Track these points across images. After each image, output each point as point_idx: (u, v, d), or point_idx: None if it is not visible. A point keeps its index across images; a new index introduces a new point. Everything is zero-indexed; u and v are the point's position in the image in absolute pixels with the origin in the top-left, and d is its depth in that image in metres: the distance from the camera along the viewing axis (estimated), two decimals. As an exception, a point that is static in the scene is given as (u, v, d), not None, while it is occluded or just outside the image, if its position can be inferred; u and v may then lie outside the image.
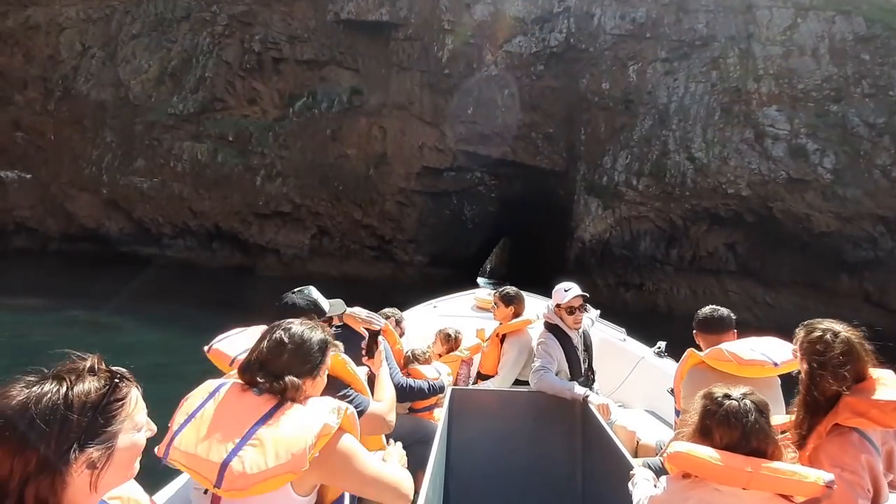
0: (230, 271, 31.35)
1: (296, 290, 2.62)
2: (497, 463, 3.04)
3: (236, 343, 2.22)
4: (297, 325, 1.73)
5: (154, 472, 1.53)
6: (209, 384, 1.65)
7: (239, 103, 33.11)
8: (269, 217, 31.50)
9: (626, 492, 1.96)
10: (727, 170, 21.59)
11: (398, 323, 4.04)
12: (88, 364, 1.01)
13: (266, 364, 1.61)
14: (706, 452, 1.60)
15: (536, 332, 3.95)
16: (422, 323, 5.19)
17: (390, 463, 1.82)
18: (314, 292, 2.61)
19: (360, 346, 2.57)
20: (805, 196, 20.56)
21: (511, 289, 4.32)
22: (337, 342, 1.96)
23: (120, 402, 1.00)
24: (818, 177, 20.53)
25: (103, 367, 1.03)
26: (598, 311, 4.83)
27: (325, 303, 2.61)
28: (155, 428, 1.13)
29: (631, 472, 2.06)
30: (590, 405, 3.09)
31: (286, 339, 1.66)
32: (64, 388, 0.93)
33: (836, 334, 1.89)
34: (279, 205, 31.09)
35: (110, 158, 33.60)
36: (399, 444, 2.08)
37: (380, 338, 2.61)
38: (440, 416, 3.09)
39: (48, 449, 0.88)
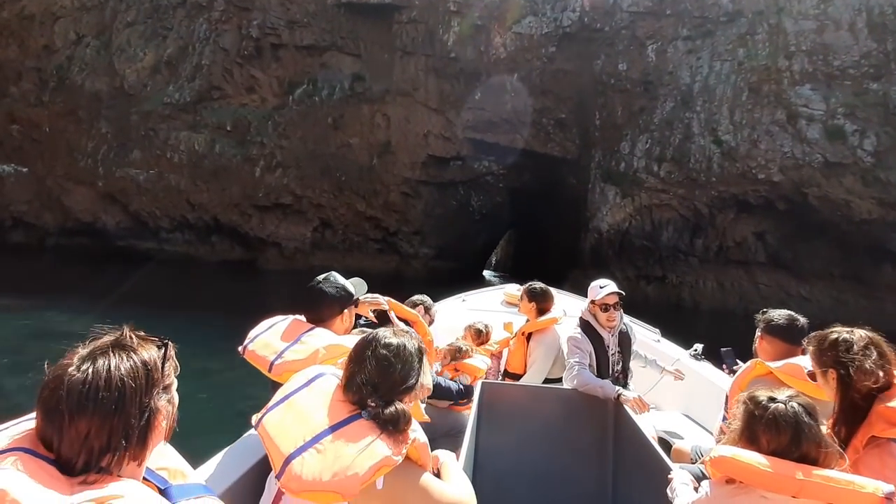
0: (230, 265, 29.89)
1: (320, 278, 2.44)
2: (526, 460, 2.93)
3: (270, 343, 2.10)
4: (395, 338, 1.66)
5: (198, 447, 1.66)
6: (313, 369, 1.71)
7: (237, 91, 31.51)
8: (270, 209, 29.97)
9: (660, 496, 1.83)
10: (757, 153, 19.80)
11: (427, 310, 3.79)
12: (130, 332, 1.03)
13: (379, 387, 1.55)
14: (753, 457, 1.46)
15: (564, 330, 3.80)
16: (451, 316, 5.09)
17: (450, 479, 1.67)
18: (340, 278, 2.47)
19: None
20: (843, 181, 18.76)
21: (538, 285, 4.05)
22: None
23: (170, 361, 1.06)
24: (858, 160, 18.70)
25: (142, 333, 1.06)
26: (658, 331, 4.77)
27: (351, 287, 2.48)
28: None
29: (669, 476, 1.92)
30: (623, 403, 2.90)
31: (391, 356, 1.60)
32: (133, 353, 0.98)
33: (850, 332, 1.82)
34: (280, 196, 29.54)
35: (106, 150, 32.13)
36: (452, 455, 1.85)
37: (391, 314, 2.65)
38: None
39: (142, 404, 0.95)
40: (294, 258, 30.08)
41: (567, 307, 4.42)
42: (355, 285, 2.54)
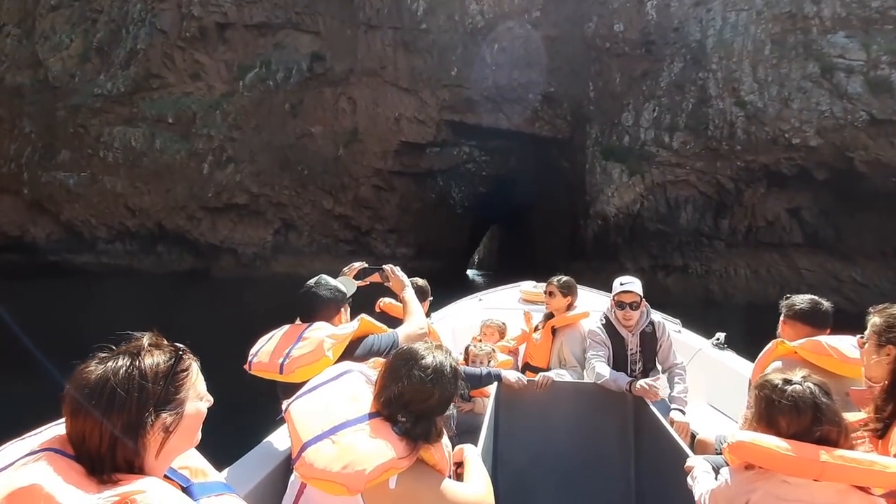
0: (181, 277, 25.36)
1: (311, 282, 2.24)
2: (547, 453, 2.81)
3: (274, 349, 1.99)
4: (431, 357, 1.56)
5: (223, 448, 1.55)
6: (343, 365, 1.68)
7: (179, 79, 26.94)
8: (222, 211, 25.49)
9: (682, 486, 1.77)
10: (789, 114, 16.26)
11: (423, 293, 3.44)
12: (151, 340, 1.02)
13: (410, 404, 1.49)
14: (773, 441, 1.37)
15: (589, 326, 3.50)
16: (468, 315, 5.01)
17: (470, 476, 1.61)
18: (331, 280, 2.28)
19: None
20: (895, 140, 15.31)
21: (568, 278, 3.71)
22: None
23: (185, 372, 1.03)
24: (911, 115, 15.29)
25: (164, 341, 1.04)
26: (679, 322, 4.50)
27: (344, 287, 2.31)
28: (212, 399, 1.12)
29: (688, 465, 1.82)
30: (636, 393, 2.78)
31: (427, 381, 1.50)
32: (137, 361, 0.97)
33: None
34: (233, 196, 25.08)
35: (30, 152, 27.19)
36: (476, 451, 1.75)
37: (387, 266, 2.52)
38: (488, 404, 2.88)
39: (130, 414, 0.93)
40: (253, 265, 25.66)
41: (592, 305, 3.97)
42: (346, 284, 2.36)
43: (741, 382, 2.69)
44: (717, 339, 4.05)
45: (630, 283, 3.16)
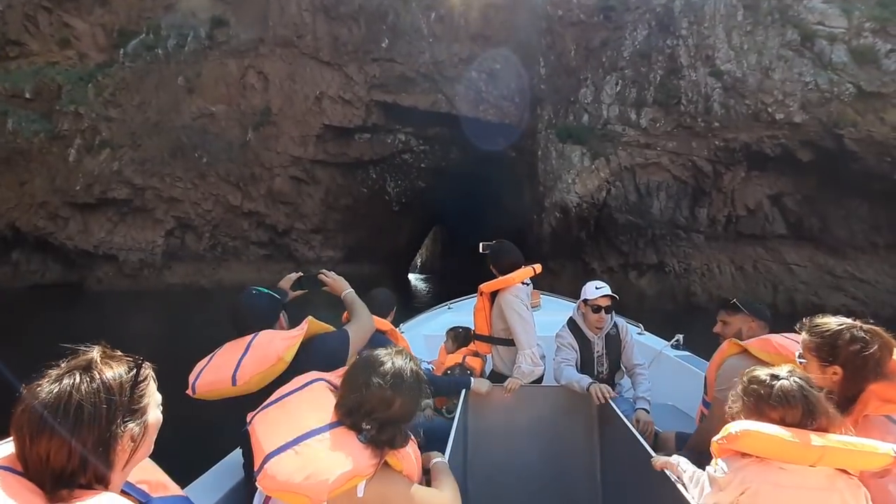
0: (46, 291, 19.73)
1: (242, 294, 2.05)
2: (515, 457, 2.79)
3: (220, 365, 1.80)
4: (390, 363, 1.47)
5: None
6: (308, 375, 1.57)
7: (44, 46, 21.25)
8: (96, 208, 20.07)
9: (645, 482, 1.83)
10: (771, 85, 13.79)
11: (388, 304, 3.33)
12: (105, 352, 0.97)
13: (373, 412, 1.40)
14: (777, 430, 1.37)
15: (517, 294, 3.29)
16: (439, 323, 4.94)
17: (439, 482, 1.57)
18: (262, 288, 2.09)
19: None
20: (886, 116, 13.17)
21: (498, 241, 3.41)
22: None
23: (146, 381, 1.01)
24: (902, 87, 13.20)
25: (117, 352, 1.00)
26: (641, 325, 4.64)
27: (276, 293, 2.12)
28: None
29: (656, 462, 1.80)
30: (592, 394, 2.77)
31: (389, 388, 1.41)
32: (98, 374, 0.92)
33: (861, 329, 1.62)
34: (109, 189, 19.75)
35: None
36: (443, 458, 1.73)
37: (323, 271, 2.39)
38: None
39: (101, 428, 0.89)
40: (140, 275, 20.42)
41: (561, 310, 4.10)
42: (278, 292, 2.18)
43: (698, 381, 2.64)
44: (676, 341, 4.15)
45: (606, 288, 3.19)
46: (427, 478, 1.57)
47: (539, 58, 18.71)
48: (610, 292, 3.13)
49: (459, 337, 3.96)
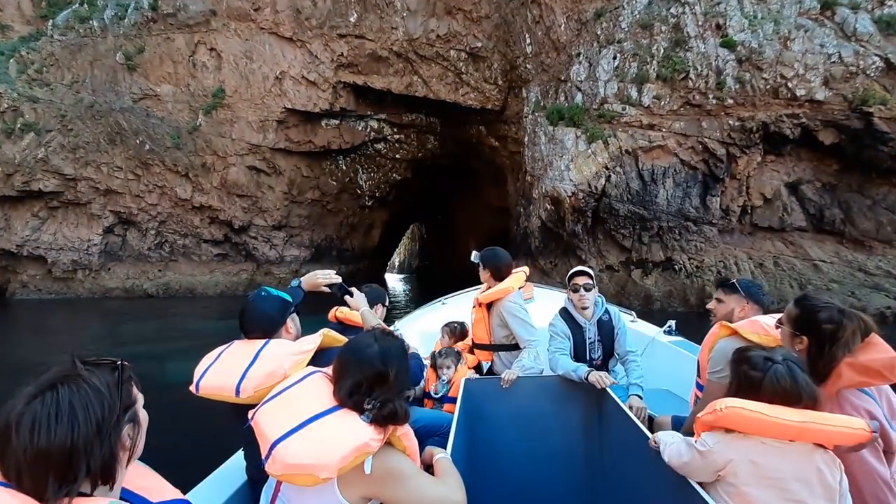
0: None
1: (250, 296, 1.98)
2: (517, 448, 2.77)
3: (227, 370, 1.73)
4: (376, 345, 1.48)
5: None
6: (306, 370, 1.58)
7: (-41, 17, 18.41)
8: (18, 202, 17.29)
9: (643, 464, 1.87)
10: (791, 57, 12.01)
11: (377, 298, 3.09)
12: (83, 359, 0.95)
13: (372, 390, 1.42)
14: (760, 407, 1.44)
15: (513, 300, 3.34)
16: (433, 320, 4.92)
17: (443, 475, 1.57)
18: (271, 289, 2.01)
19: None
20: (917, 93, 11.50)
21: (488, 249, 3.44)
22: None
23: (131, 380, 1.00)
24: (935, 60, 11.55)
25: (94, 358, 0.97)
26: (633, 314, 4.62)
27: (286, 295, 2.04)
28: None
29: (651, 442, 1.79)
30: (590, 381, 2.74)
31: (378, 360, 1.45)
32: (86, 380, 0.91)
33: (843, 314, 1.69)
34: (33, 179, 16.99)
35: None
36: (445, 452, 1.72)
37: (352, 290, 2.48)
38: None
39: (102, 433, 0.89)
40: (74, 279, 17.70)
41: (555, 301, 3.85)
42: (292, 293, 2.14)
43: (691, 365, 2.68)
44: (669, 327, 4.19)
45: (582, 267, 3.24)
46: (429, 472, 1.55)
47: (525, 33, 16.69)
48: (585, 269, 3.17)
49: (455, 332, 3.95)
